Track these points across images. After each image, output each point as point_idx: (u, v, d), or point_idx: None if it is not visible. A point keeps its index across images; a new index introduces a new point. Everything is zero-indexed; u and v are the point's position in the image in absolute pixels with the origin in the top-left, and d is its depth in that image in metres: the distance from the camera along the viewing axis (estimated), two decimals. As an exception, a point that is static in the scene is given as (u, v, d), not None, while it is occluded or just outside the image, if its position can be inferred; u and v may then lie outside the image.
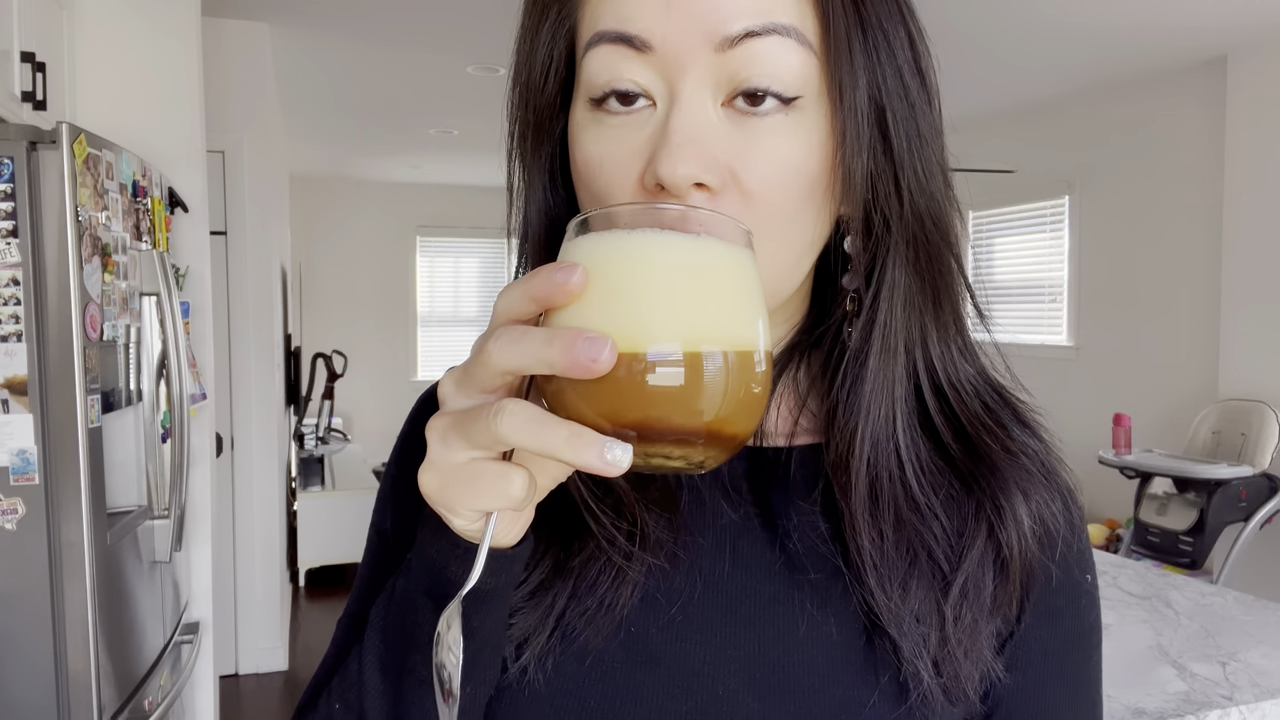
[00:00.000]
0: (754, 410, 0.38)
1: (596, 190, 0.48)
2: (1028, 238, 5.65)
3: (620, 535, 0.50)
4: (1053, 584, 0.53)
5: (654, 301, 0.36)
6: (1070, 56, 4.40)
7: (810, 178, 0.47)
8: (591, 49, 0.47)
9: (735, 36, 0.44)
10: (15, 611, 1.69)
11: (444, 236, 8.43)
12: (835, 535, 0.51)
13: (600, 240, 0.37)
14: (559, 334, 0.35)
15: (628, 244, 0.37)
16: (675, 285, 0.37)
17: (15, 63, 2.02)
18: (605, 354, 0.34)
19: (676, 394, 0.35)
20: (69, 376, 1.69)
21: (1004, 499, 0.50)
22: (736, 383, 0.36)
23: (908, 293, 0.51)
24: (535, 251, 0.55)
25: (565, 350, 0.34)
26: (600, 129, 0.48)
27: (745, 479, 0.54)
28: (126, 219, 2.05)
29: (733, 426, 0.37)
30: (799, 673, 0.50)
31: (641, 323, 0.36)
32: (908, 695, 0.49)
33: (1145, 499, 4.19)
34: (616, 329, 0.35)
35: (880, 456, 0.50)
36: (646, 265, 0.37)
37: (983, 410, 0.53)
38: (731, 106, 0.46)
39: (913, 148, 0.49)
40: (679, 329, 0.36)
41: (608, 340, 0.34)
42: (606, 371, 0.35)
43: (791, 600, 0.51)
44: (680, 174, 0.44)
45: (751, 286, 0.39)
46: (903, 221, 0.50)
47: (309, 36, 4.04)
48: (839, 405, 0.51)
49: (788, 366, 0.55)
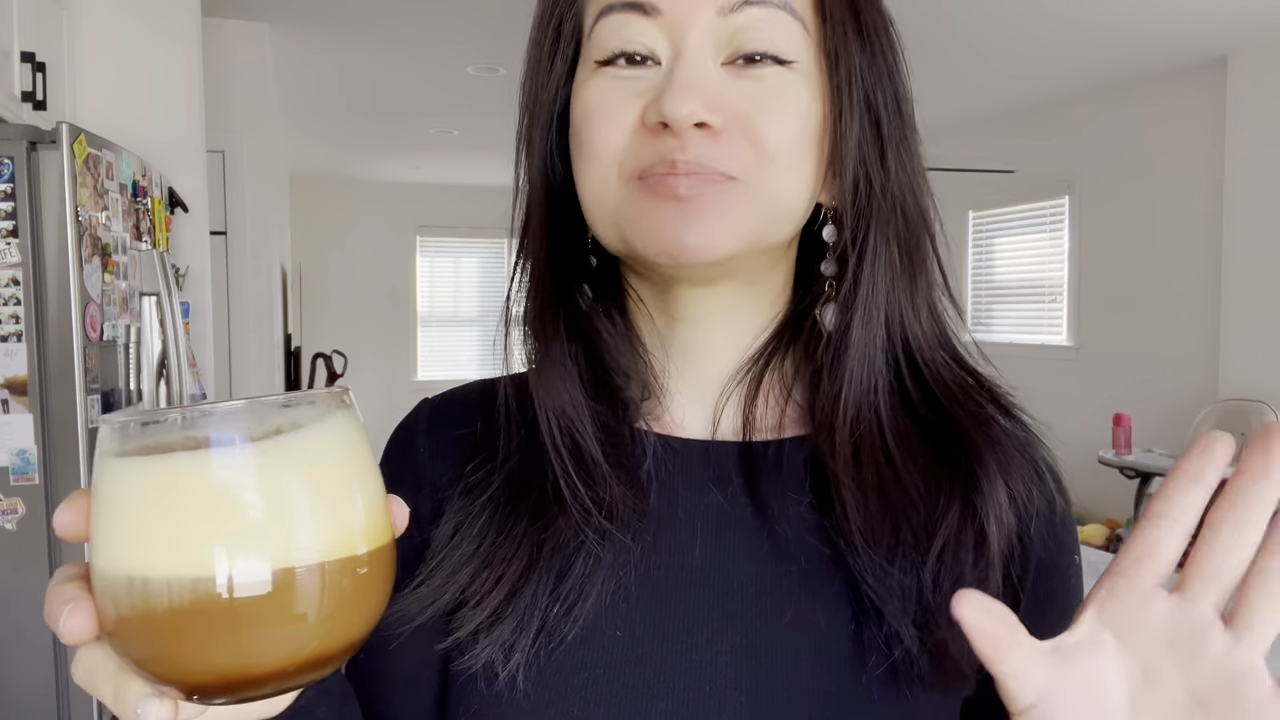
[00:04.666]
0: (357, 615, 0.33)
1: (589, 135, 0.50)
2: (1028, 238, 5.65)
3: (595, 510, 0.50)
4: (1046, 568, 0.53)
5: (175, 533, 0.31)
6: (1070, 56, 4.40)
7: (812, 126, 0.50)
8: (603, 18, 0.50)
9: (735, 3, 0.48)
10: (15, 611, 1.69)
11: (444, 236, 8.43)
12: (822, 524, 0.52)
13: (114, 467, 0.32)
14: (48, 594, 0.33)
15: (130, 474, 0.31)
16: (195, 508, 0.31)
17: (15, 63, 2.02)
18: (64, 623, 0.32)
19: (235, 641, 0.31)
20: (69, 376, 1.69)
21: (980, 470, 0.51)
22: (327, 597, 0.31)
23: (890, 267, 0.53)
24: (537, 227, 0.56)
25: (49, 615, 0.33)
26: (603, 80, 0.51)
27: (735, 472, 0.54)
28: (126, 219, 2.05)
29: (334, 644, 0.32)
30: (788, 662, 0.50)
31: (170, 559, 0.30)
32: (897, 679, 0.49)
33: (1145, 499, 4.19)
34: (129, 570, 0.31)
35: (863, 422, 0.52)
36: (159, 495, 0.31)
37: (957, 388, 0.55)
38: (732, 66, 0.49)
39: (896, 130, 0.52)
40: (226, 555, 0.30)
41: (69, 606, 0.32)
42: (81, 643, 0.32)
43: (779, 590, 0.51)
44: (684, 111, 0.47)
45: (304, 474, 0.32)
46: (887, 196, 0.52)
47: (309, 36, 4.04)
48: (822, 375, 0.53)
49: (771, 356, 0.56)
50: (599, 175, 0.50)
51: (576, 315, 0.55)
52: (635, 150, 0.49)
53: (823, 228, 0.54)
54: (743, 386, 0.55)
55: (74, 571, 0.34)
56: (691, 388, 0.56)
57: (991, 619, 0.37)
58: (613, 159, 0.50)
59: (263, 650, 0.31)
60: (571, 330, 0.55)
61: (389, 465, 0.61)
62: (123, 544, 0.31)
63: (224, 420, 0.31)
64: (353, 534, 0.33)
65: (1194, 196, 4.58)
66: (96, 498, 0.33)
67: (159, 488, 0.31)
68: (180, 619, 0.30)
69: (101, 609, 0.32)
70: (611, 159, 0.50)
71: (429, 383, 8.12)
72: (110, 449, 0.32)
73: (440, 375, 8.29)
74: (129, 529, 0.31)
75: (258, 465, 0.31)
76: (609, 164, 0.50)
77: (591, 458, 0.52)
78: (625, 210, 0.50)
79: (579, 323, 0.55)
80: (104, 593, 0.32)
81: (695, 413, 0.56)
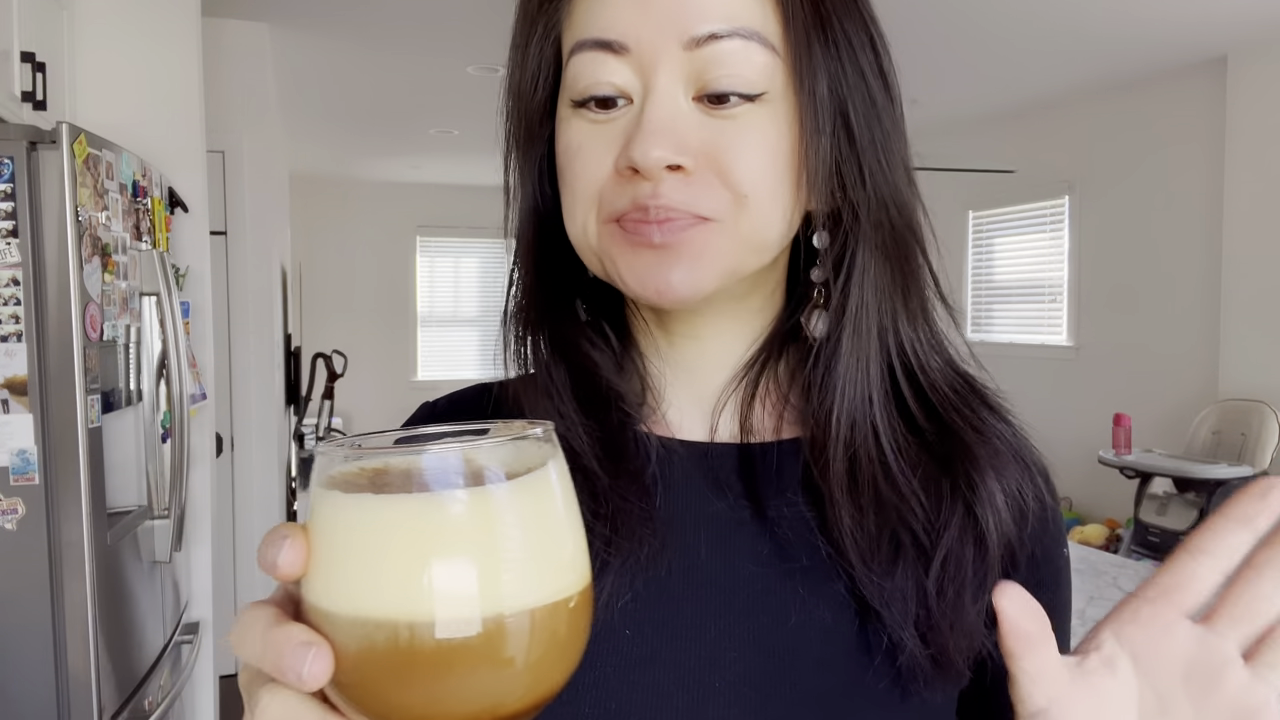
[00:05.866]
0: (564, 659, 0.33)
1: (570, 177, 0.52)
2: (1028, 238, 5.65)
3: (599, 522, 0.51)
4: (1037, 560, 0.55)
5: (411, 581, 0.30)
6: (1071, 56, 4.40)
7: (782, 161, 0.50)
8: (574, 55, 0.51)
9: (701, 38, 0.48)
10: (15, 611, 1.69)
11: (444, 236, 8.43)
12: (822, 523, 0.53)
13: (341, 504, 0.31)
14: (272, 636, 0.31)
15: (361, 514, 0.31)
16: (433, 553, 0.30)
17: (15, 63, 2.02)
18: (308, 668, 0.30)
19: (467, 680, 0.30)
20: (69, 376, 1.69)
21: (978, 476, 0.52)
22: (538, 643, 0.31)
23: (878, 278, 0.54)
24: (525, 253, 0.58)
25: (275, 660, 0.31)
26: (580, 122, 0.52)
27: (734, 475, 0.55)
28: (126, 219, 2.05)
29: (543, 689, 0.32)
30: (794, 659, 0.50)
31: (399, 603, 0.30)
32: (900, 677, 0.50)
33: (1145, 499, 4.19)
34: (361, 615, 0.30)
35: (858, 437, 0.53)
36: (396, 536, 0.30)
37: (952, 394, 0.55)
38: (701, 103, 0.49)
39: (875, 139, 0.52)
40: (453, 605, 0.30)
41: (312, 649, 0.30)
42: (319, 687, 0.30)
43: (784, 589, 0.52)
44: (653, 157, 0.47)
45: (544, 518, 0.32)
46: (869, 209, 0.52)
47: (309, 36, 4.04)
48: (812, 387, 0.54)
49: (766, 362, 0.57)
50: (580, 218, 0.52)
51: (567, 332, 0.57)
52: (611, 195, 0.50)
53: (814, 232, 0.55)
54: (739, 392, 0.57)
55: (274, 609, 0.33)
56: (689, 394, 0.58)
57: (1027, 617, 0.38)
58: (591, 202, 0.51)
59: (500, 692, 0.31)
60: (559, 348, 0.57)
61: None
62: (362, 586, 0.30)
63: (469, 457, 0.31)
64: (580, 572, 0.33)
65: (1194, 196, 4.58)
66: (324, 535, 0.31)
67: (400, 529, 0.30)
68: (420, 662, 0.29)
69: None
70: (590, 202, 0.51)
71: (429, 383, 8.13)
72: (334, 481, 0.32)
73: (440, 375, 8.29)
74: (370, 571, 0.30)
75: (506, 506, 0.31)
76: (588, 207, 0.51)
77: (587, 470, 0.52)
78: (608, 252, 0.51)
79: (571, 338, 0.57)
80: (329, 632, 0.31)
81: (694, 418, 0.57)
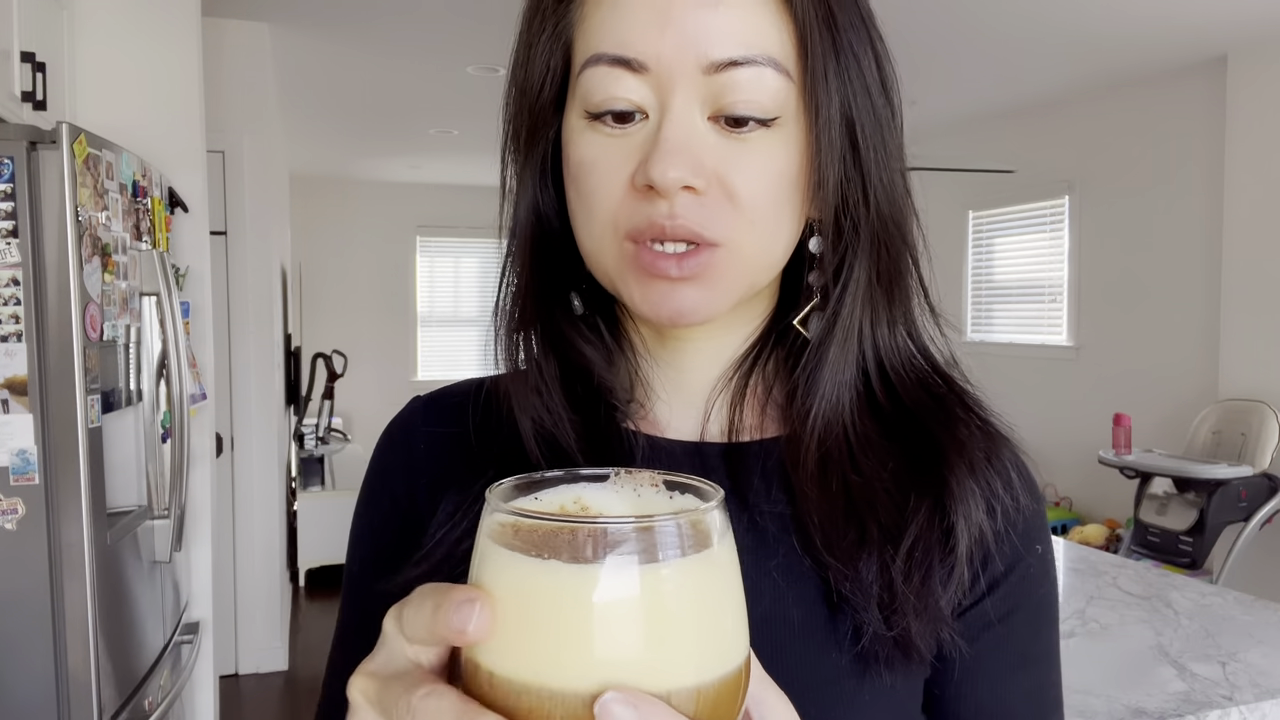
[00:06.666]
0: None
1: (586, 190, 0.52)
2: (1028, 238, 5.65)
3: None
4: (1003, 556, 0.56)
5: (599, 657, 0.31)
6: (1071, 56, 4.40)
7: (789, 183, 0.52)
8: (590, 67, 0.51)
9: (721, 63, 0.49)
10: (15, 611, 1.69)
11: (444, 236, 8.43)
12: (795, 516, 0.54)
13: (529, 570, 0.31)
14: (462, 714, 0.31)
15: (557, 584, 0.31)
16: (619, 629, 0.31)
17: (15, 63, 2.02)
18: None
19: None
20: (69, 376, 1.69)
21: (947, 471, 0.54)
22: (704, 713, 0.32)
23: (870, 288, 0.56)
24: (522, 249, 0.58)
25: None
26: (594, 135, 0.52)
27: (721, 472, 0.57)
28: (126, 219, 2.05)
29: None
30: (765, 648, 0.51)
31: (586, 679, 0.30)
32: (865, 665, 0.52)
33: (1145, 499, 4.19)
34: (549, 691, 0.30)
35: (830, 435, 0.55)
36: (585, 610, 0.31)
37: (925, 394, 0.57)
38: (717, 124, 0.50)
39: (879, 158, 0.54)
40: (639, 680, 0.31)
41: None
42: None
43: (761, 585, 0.53)
44: (670, 177, 0.48)
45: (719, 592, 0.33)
46: (869, 224, 0.54)
47: (309, 36, 4.04)
48: (797, 389, 0.56)
49: (756, 361, 0.59)
50: (597, 232, 0.53)
51: (560, 327, 0.58)
52: (628, 211, 0.51)
53: (810, 238, 0.56)
54: (728, 390, 0.58)
55: (459, 698, 0.32)
56: (680, 393, 0.59)
57: None
58: (609, 218, 0.52)
59: None
60: (551, 343, 0.58)
61: (383, 457, 0.64)
62: (546, 657, 0.31)
63: (660, 533, 0.31)
64: (745, 640, 0.35)
65: (1194, 196, 4.58)
66: (512, 601, 0.32)
67: (590, 603, 0.31)
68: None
69: None
70: (608, 218, 0.52)
71: (429, 383, 8.07)
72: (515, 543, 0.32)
73: (440, 375, 8.29)
74: (558, 643, 0.31)
75: (696, 580, 0.32)
76: (605, 222, 0.52)
77: (572, 462, 0.54)
78: (622, 272, 0.52)
79: (564, 333, 0.58)
80: (510, 701, 0.31)
81: (684, 415, 0.59)
